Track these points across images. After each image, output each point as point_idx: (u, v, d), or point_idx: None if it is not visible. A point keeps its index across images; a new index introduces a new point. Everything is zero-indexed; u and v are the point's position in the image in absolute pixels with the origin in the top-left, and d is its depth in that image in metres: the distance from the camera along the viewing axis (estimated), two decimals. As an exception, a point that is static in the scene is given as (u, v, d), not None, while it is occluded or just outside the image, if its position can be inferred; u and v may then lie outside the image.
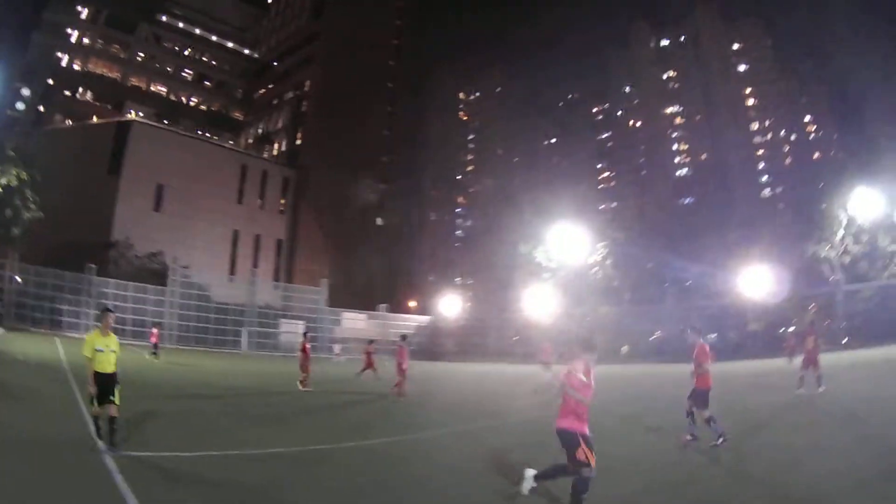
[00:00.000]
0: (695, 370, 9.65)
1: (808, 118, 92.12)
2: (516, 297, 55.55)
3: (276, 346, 43.07)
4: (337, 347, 40.85)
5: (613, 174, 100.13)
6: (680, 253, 55.26)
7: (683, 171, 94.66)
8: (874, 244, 43.50)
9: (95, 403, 7.63)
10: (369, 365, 22.58)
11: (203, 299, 41.12)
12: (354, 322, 50.33)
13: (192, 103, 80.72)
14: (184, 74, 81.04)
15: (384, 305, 53.23)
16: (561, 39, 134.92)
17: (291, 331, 44.42)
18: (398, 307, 60.51)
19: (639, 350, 46.22)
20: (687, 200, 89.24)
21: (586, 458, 5.74)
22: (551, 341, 17.60)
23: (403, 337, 19.81)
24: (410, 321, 57.03)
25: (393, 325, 52.10)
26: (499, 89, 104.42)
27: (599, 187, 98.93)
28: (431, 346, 53.57)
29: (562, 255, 55.13)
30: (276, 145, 78.20)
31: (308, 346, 18.77)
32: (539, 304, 52.70)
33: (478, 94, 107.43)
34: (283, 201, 70.95)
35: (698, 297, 51.22)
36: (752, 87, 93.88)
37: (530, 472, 6.23)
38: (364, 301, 53.71)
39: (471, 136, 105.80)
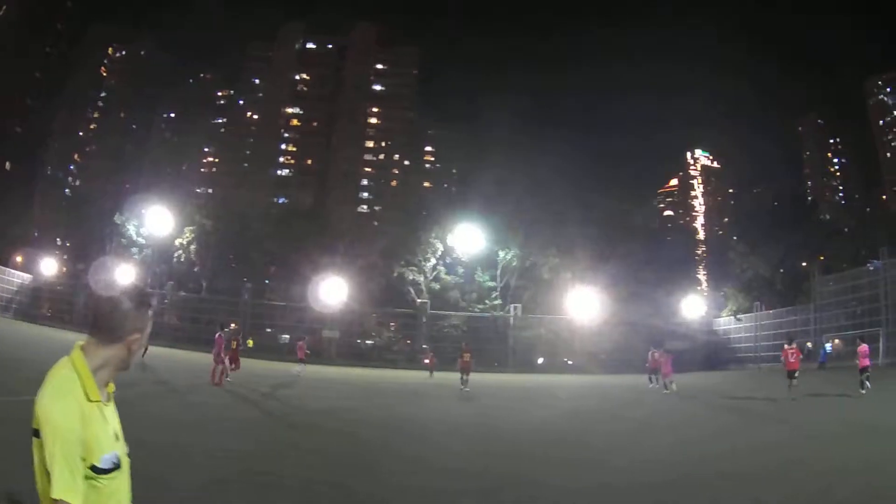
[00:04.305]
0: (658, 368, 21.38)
1: (428, 148, 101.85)
2: (107, 267, 55.99)
3: None
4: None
5: (217, 160, 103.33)
6: (266, 251, 55.25)
7: (285, 172, 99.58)
8: (470, 277, 45.66)
9: None
10: None
11: None
12: (-32, 274, 51.03)
13: None
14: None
15: (-5, 259, 54.62)
16: (215, 18, 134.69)
17: None
18: (8, 262, 59.46)
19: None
20: (281, 200, 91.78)
21: None
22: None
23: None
24: (15, 278, 57.57)
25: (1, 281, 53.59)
26: (143, 52, 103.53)
27: (202, 170, 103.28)
28: (30, 308, 52.70)
29: (151, 233, 56.96)
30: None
31: None
32: (125, 279, 51.22)
33: (124, 52, 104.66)
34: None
35: (275, 298, 52.38)
36: (382, 108, 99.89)
37: None
38: (-21, 252, 54.68)
39: (103, 94, 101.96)
